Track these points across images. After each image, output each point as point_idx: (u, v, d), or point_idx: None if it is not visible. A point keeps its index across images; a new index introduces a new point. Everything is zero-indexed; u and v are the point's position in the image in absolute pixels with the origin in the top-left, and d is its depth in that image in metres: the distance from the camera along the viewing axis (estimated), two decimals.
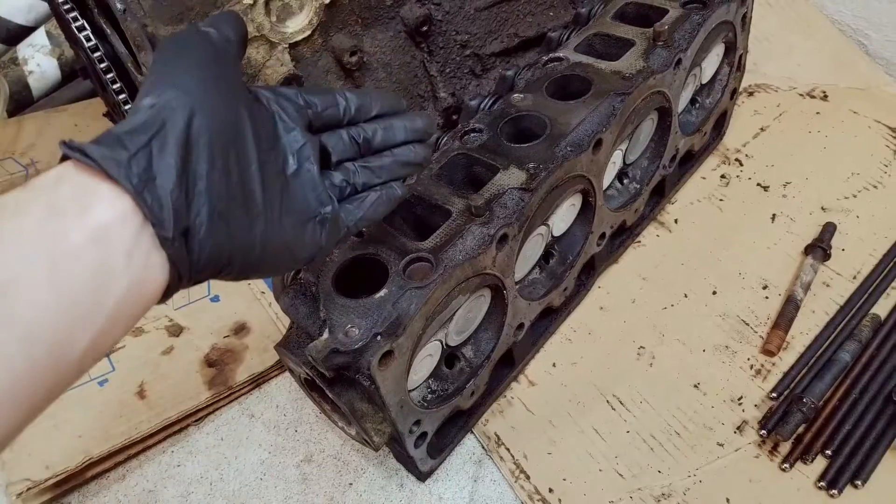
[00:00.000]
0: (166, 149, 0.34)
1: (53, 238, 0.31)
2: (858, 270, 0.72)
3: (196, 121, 0.35)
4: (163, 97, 0.35)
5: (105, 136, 0.34)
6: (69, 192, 0.32)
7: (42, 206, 0.31)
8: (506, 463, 0.62)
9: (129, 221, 0.32)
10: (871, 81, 0.93)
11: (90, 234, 0.31)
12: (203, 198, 0.35)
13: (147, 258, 0.33)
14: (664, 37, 0.66)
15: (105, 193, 0.32)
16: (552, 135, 0.59)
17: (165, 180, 0.33)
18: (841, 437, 0.59)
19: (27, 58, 0.97)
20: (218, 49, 0.40)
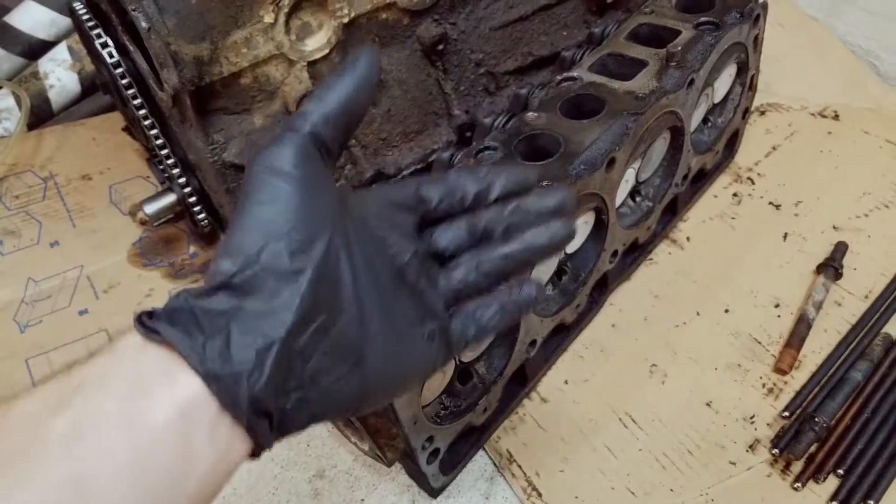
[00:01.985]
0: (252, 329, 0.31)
1: (137, 418, 0.29)
2: (870, 290, 0.72)
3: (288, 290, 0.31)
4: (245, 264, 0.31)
5: (181, 308, 0.31)
6: (152, 361, 0.30)
7: (124, 381, 0.29)
8: (518, 480, 0.62)
9: (213, 398, 0.30)
10: (883, 102, 0.93)
11: (175, 412, 0.29)
12: (292, 368, 0.32)
13: (231, 430, 0.31)
14: (677, 57, 0.66)
15: (186, 365, 0.30)
16: (566, 153, 0.60)
17: (243, 364, 0.30)
18: (853, 456, 0.59)
19: (48, 72, 0.98)
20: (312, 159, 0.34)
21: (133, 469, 0.28)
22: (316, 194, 0.34)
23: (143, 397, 0.29)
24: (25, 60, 0.99)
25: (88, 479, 0.27)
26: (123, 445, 0.28)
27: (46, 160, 0.95)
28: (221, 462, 0.31)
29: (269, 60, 0.67)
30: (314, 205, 0.33)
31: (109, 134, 0.97)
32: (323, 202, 0.34)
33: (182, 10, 0.60)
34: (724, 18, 0.72)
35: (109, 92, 0.83)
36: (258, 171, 0.34)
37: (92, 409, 0.29)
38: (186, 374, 0.30)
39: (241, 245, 0.32)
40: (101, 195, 0.91)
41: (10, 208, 0.89)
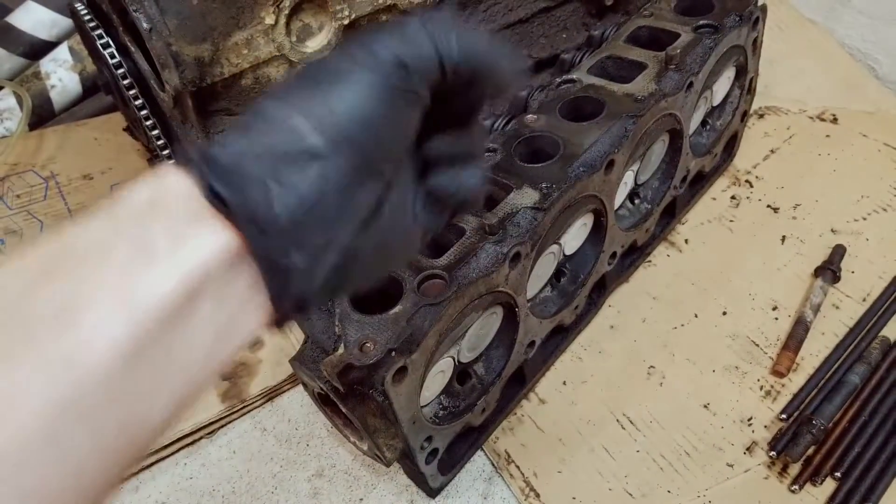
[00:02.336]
0: (310, 223, 0.29)
1: (137, 292, 0.26)
2: (868, 293, 0.73)
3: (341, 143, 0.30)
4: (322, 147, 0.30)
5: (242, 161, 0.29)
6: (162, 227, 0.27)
7: (127, 246, 0.27)
8: (516, 481, 0.62)
9: (228, 258, 0.28)
10: (881, 105, 0.94)
11: (180, 284, 0.27)
12: (338, 268, 0.31)
13: (244, 296, 0.29)
14: (676, 60, 0.67)
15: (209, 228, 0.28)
16: (565, 155, 0.60)
17: (298, 261, 0.29)
18: (850, 459, 0.59)
19: (49, 72, 0.99)
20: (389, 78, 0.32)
21: (130, 340, 0.26)
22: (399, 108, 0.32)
23: (146, 267, 0.26)
24: (27, 61, 0.99)
25: (82, 358, 0.25)
26: (120, 320, 0.26)
27: (48, 160, 0.96)
28: (231, 329, 0.29)
29: (270, 62, 0.68)
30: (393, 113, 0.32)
31: (111, 134, 0.98)
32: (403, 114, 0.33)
33: (183, 11, 0.60)
34: (723, 21, 0.72)
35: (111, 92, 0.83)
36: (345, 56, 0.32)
37: (83, 278, 0.26)
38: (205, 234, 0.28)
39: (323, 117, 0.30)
40: (102, 195, 0.91)
41: (11, 208, 0.90)
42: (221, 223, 0.28)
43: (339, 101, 0.31)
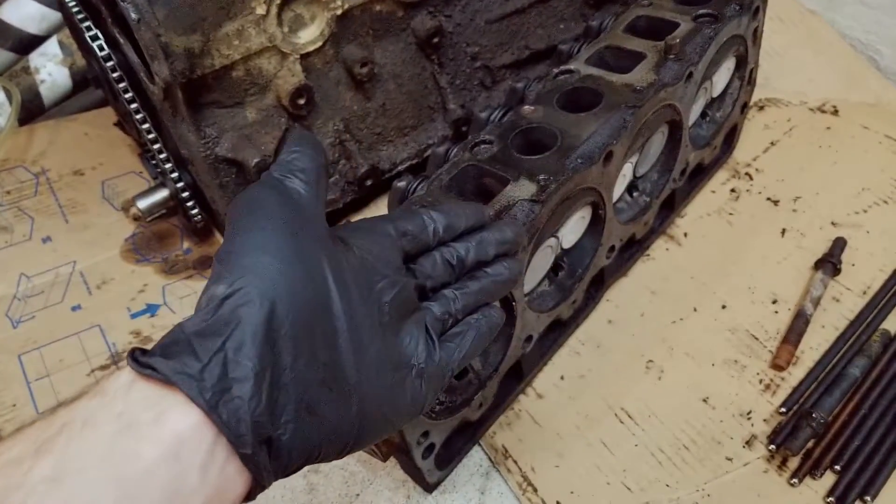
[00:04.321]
0: (243, 351, 0.30)
1: (124, 458, 0.28)
2: (868, 286, 0.72)
3: (276, 309, 0.31)
4: (236, 285, 0.31)
5: (175, 340, 0.31)
6: (142, 399, 0.29)
7: (113, 418, 0.29)
8: (513, 475, 0.61)
9: (204, 432, 0.29)
10: (882, 97, 0.93)
11: (164, 450, 0.28)
12: (289, 396, 0.31)
13: (224, 469, 0.30)
14: (675, 50, 0.66)
15: (179, 401, 0.29)
16: (563, 147, 0.59)
17: (243, 389, 0.30)
18: (850, 452, 0.59)
19: (39, 67, 0.97)
20: (297, 202, 0.36)
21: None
22: (303, 226, 0.35)
23: (131, 436, 0.28)
24: (16, 55, 0.98)
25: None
26: (109, 488, 0.27)
27: (38, 155, 0.94)
28: (213, 500, 0.30)
29: (262, 53, 0.66)
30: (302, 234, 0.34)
31: (101, 129, 0.96)
32: (312, 233, 0.35)
33: (172, 1, 0.59)
34: (723, 10, 0.71)
35: (101, 86, 0.82)
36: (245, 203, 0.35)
37: (76, 451, 0.28)
38: (178, 408, 0.29)
39: (233, 268, 0.32)
40: (93, 190, 0.90)
41: (1, 204, 0.89)
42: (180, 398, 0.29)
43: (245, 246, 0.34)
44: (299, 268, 0.33)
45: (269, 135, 0.70)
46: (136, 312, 0.76)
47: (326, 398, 0.33)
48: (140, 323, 0.75)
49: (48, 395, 0.69)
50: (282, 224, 0.34)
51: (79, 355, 0.72)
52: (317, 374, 0.33)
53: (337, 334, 0.34)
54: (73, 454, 0.28)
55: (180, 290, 0.78)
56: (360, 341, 0.35)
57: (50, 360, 0.72)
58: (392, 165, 0.80)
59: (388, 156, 0.80)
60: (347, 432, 0.35)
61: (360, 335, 0.35)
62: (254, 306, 0.31)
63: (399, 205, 0.59)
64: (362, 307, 0.36)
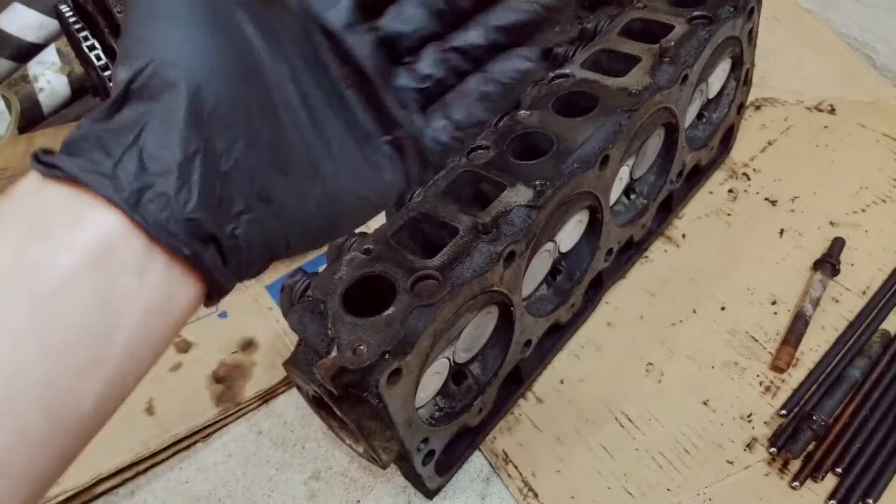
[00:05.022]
0: (163, 140, 0.25)
1: (35, 268, 0.24)
2: (868, 286, 0.72)
3: (194, 87, 0.26)
4: (141, 63, 0.26)
5: (83, 136, 0.26)
6: (55, 200, 0.25)
7: (20, 223, 0.25)
8: (514, 481, 0.61)
9: (134, 236, 0.25)
10: (879, 95, 0.93)
11: (85, 255, 0.24)
12: (234, 186, 0.27)
13: (167, 272, 0.26)
14: (670, 53, 0.66)
15: (98, 203, 0.25)
16: (559, 152, 0.60)
17: (167, 184, 0.25)
18: (851, 454, 0.59)
19: (37, 75, 0.98)
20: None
21: (35, 329, 0.23)
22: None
23: (43, 243, 0.24)
24: (14, 63, 0.98)
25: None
26: (20, 302, 0.23)
27: None
28: (162, 308, 0.26)
29: None
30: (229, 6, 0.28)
31: None
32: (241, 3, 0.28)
33: None
34: (717, 12, 0.71)
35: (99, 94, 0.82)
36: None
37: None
38: (97, 210, 0.25)
39: (137, 43, 0.26)
40: None
41: None
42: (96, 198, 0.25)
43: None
44: (215, 33, 0.27)
45: None
46: None
47: (282, 182, 0.28)
48: None
49: None
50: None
51: None
52: (263, 156, 0.28)
53: (278, 109, 0.28)
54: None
55: None
56: (312, 114, 0.30)
57: None
58: None
59: None
60: (316, 217, 0.30)
61: (311, 107, 0.30)
62: (165, 87, 0.25)
63: (397, 210, 0.59)
64: (308, 76, 0.30)
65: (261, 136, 0.28)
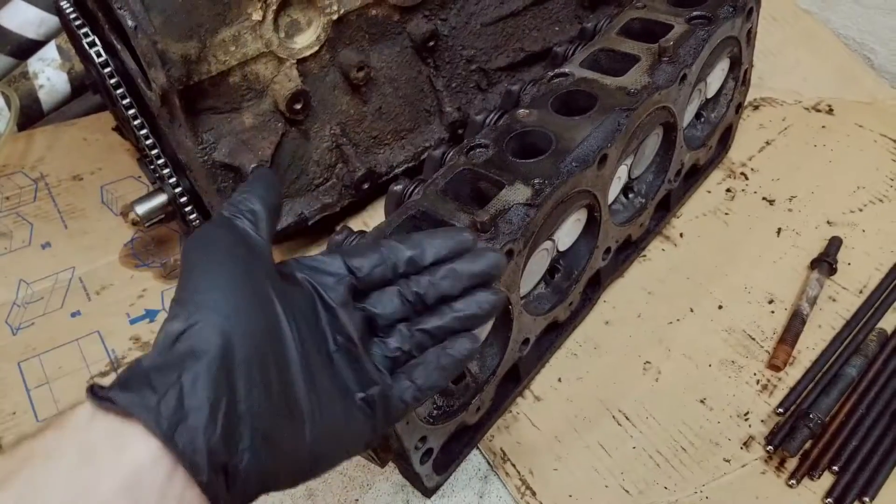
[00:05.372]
0: (198, 383, 0.32)
1: (84, 491, 0.29)
2: (865, 285, 0.72)
3: (230, 342, 0.33)
4: (191, 321, 0.33)
5: (133, 374, 0.32)
6: (102, 432, 0.31)
7: (74, 451, 0.30)
8: (511, 479, 0.62)
9: (162, 461, 0.31)
10: (877, 95, 0.93)
11: (123, 482, 0.30)
12: (245, 425, 0.33)
13: (182, 496, 0.31)
14: (669, 52, 0.66)
15: (137, 433, 0.30)
16: (557, 150, 0.60)
17: (198, 419, 0.31)
18: (848, 452, 0.59)
19: (37, 72, 0.98)
20: (248, 242, 0.38)
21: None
22: (253, 263, 0.37)
23: (91, 468, 0.29)
24: (14, 60, 0.98)
25: None
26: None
27: (37, 161, 0.95)
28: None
29: (258, 58, 0.67)
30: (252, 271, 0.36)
31: (100, 134, 0.97)
32: (261, 270, 0.37)
33: (168, 8, 0.60)
34: (716, 12, 0.71)
35: (99, 91, 0.82)
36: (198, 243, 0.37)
37: (37, 483, 0.29)
38: (137, 439, 0.30)
39: (187, 304, 0.34)
40: (92, 196, 0.90)
41: (0, 210, 0.89)
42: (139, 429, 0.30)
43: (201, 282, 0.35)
44: (251, 303, 0.35)
45: (266, 140, 0.71)
46: (135, 318, 0.77)
47: (281, 426, 0.35)
48: (139, 328, 0.76)
49: (48, 403, 0.69)
50: (233, 263, 0.36)
51: (78, 362, 0.73)
52: (271, 403, 0.34)
53: (289, 364, 0.36)
54: (34, 487, 0.29)
55: None
56: (311, 371, 0.37)
57: (49, 367, 0.72)
58: (389, 168, 0.80)
59: (384, 159, 0.80)
60: (303, 459, 0.37)
61: (310, 365, 0.37)
62: (208, 340, 0.33)
63: (396, 208, 0.59)
64: (310, 339, 0.38)
65: (272, 387, 0.35)
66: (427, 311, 0.42)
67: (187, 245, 0.38)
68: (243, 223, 0.39)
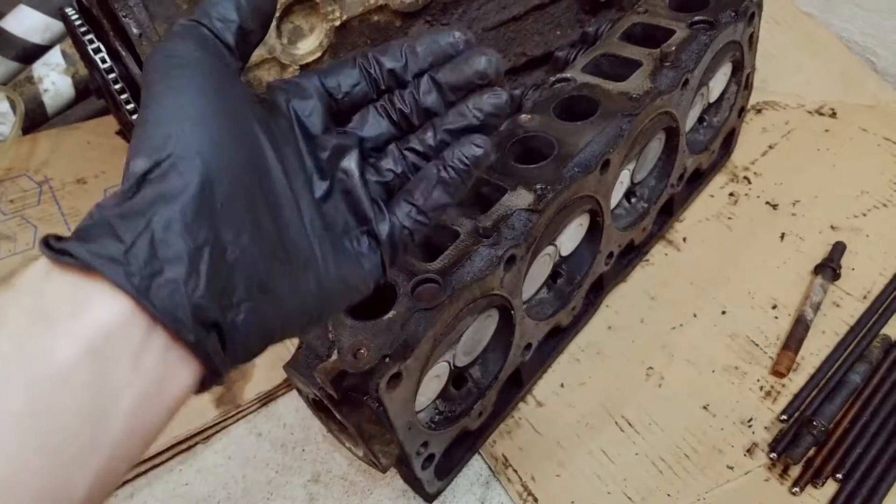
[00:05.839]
0: (173, 228, 0.26)
1: (35, 358, 0.24)
2: (868, 290, 0.72)
3: (208, 180, 0.27)
4: (159, 156, 0.27)
5: (95, 222, 0.27)
6: (58, 290, 0.26)
7: (23, 314, 0.25)
8: (513, 485, 0.61)
9: (134, 321, 0.26)
10: (880, 99, 0.93)
11: (84, 346, 0.25)
12: (237, 275, 0.28)
13: (163, 359, 0.27)
14: (671, 57, 0.66)
15: (102, 290, 0.26)
16: (560, 155, 0.60)
17: (176, 270, 0.26)
18: (852, 460, 0.58)
19: (42, 76, 0.98)
20: (219, 55, 0.31)
21: (33, 414, 0.24)
22: (227, 83, 0.31)
23: (44, 332, 0.25)
24: (20, 65, 0.99)
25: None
26: (18, 389, 0.24)
27: (41, 164, 0.95)
28: (157, 393, 0.27)
29: (261, 64, 0.67)
30: (227, 92, 0.30)
31: (104, 137, 0.97)
32: (236, 90, 0.31)
33: (172, 16, 0.60)
34: (718, 17, 0.71)
35: (103, 96, 0.83)
36: (161, 61, 0.30)
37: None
38: (102, 297, 0.25)
39: (151, 138, 0.28)
40: (95, 199, 0.89)
41: (5, 213, 0.89)
42: (103, 285, 0.26)
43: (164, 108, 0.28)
44: (230, 132, 0.29)
45: None
46: None
47: (280, 273, 0.30)
48: None
49: None
50: (203, 83, 0.29)
51: None
52: (265, 247, 0.29)
53: (280, 202, 0.31)
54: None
55: None
56: (303, 208, 0.32)
57: None
58: None
59: None
60: (309, 306, 0.32)
61: (301, 201, 0.32)
62: (180, 178, 0.27)
63: None
64: (298, 173, 0.33)
65: (263, 229, 0.30)
66: (418, 128, 0.37)
67: (147, 65, 0.30)
68: (214, 34, 0.32)
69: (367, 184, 0.35)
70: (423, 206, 0.36)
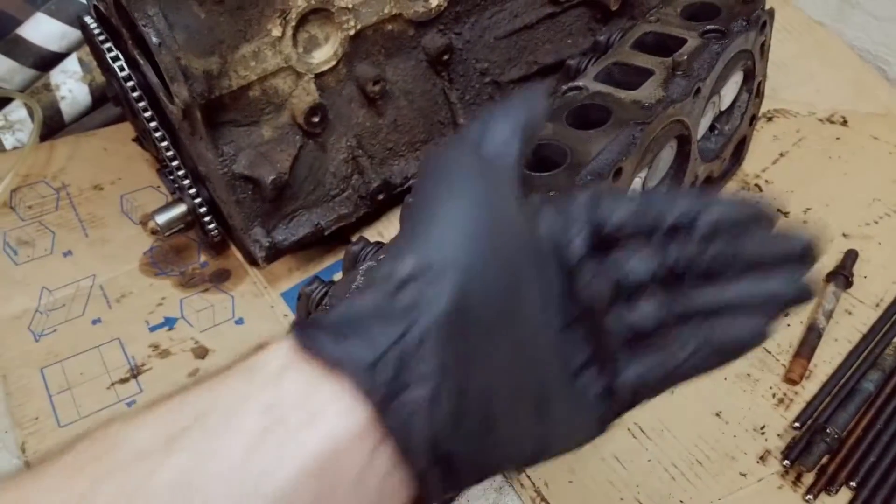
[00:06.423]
0: (425, 346, 0.24)
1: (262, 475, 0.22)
2: (881, 298, 0.72)
3: (469, 303, 0.25)
4: (424, 262, 0.25)
5: (347, 319, 0.25)
6: (297, 388, 0.24)
7: (260, 413, 0.23)
8: (526, 490, 0.62)
9: (368, 436, 0.24)
10: (892, 107, 0.93)
11: (313, 463, 0.23)
12: (473, 406, 0.25)
13: (385, 477, 0.24)
14: (683, 66, 0.66)
15: (341, 395, 0.24)
16: (573, 164, 0.60)
17: (421, 392, 0.24)
18: (866, 468, 0.58)
19: (59, 83, 1.00)
20: (497, 170, 0.30)
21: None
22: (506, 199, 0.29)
23: (277, 443, 0.23)
24: (37, 72, 1.00)
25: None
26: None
27: (59, 171, 0.96)
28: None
29: (278, 73, 0.68)
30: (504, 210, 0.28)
31: (120, 144, 0.98)
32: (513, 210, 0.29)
33: (192, 25, 0.61)
34: (730, 26, 0.72)
35: (120, 103, 0.84)
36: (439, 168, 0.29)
37: (210, 451, 0.22)
38: (338, 404, 0.23)
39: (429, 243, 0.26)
40: (112, 205, 0.92)
41: (23, 219, 0.91)
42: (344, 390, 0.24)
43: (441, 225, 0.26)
44: (497, 254, 0.27)
45: (284, 152, 0.72)
46: (155, 325, 0.78)
47: (512, 411, 0.27)
48: (158, 336, 0.77)
49: (69, 409, 0.70)
50: (480, 198, 0.27)
51: (99, 368, 0.74)
52: (505, 382, 0.27)
53: (526, 335, 0.28)
54: (205, 455, 0.22)
55: (197, 303, 0.80)
56: (546, 345, 0.29)
57: (71, 374, 0.73)
58: (404, 180, 0.81)
59: (399, 170, 0.81)
60: (525, 449, 0.29)
61: (546, 338, 0.29)
62: (442, 295, 0.25)
63: None
64: (548, 304, 0.30)
65: (508, 360, 0.27)
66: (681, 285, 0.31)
67: (424, 167, 0.30)
68: (494, 152, 0.30)
69: (621, 319, 0.31)
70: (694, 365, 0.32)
